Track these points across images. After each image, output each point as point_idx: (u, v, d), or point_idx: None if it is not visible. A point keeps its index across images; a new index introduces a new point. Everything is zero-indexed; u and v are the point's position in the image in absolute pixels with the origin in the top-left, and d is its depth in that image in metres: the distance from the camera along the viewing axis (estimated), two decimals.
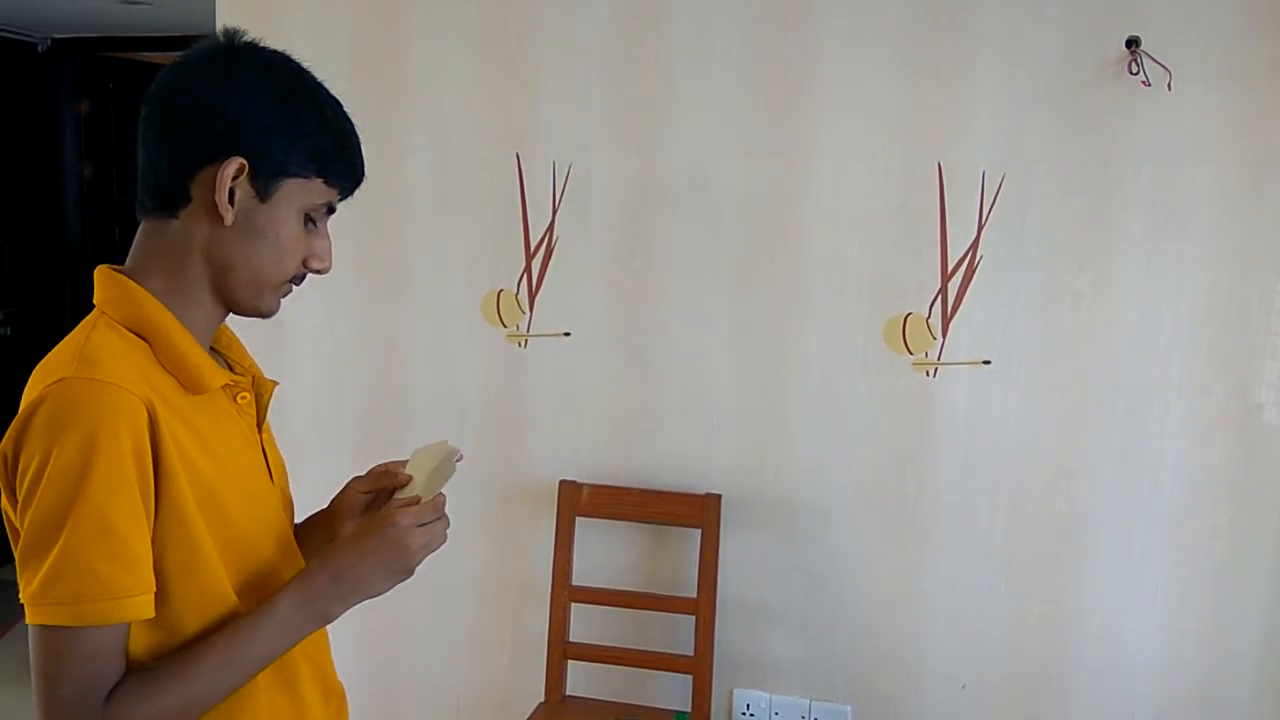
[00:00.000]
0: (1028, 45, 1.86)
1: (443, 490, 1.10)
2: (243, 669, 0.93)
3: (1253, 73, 1.79)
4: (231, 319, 1.08)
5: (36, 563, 0.85)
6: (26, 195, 3.93)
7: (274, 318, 1.09)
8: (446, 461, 1.12)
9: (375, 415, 2.28)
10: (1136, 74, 1.81)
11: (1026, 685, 2.00)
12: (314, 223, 1.02)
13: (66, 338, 0.95)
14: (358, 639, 2.34)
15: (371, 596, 1.00)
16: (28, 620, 0.87)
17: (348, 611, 1.01)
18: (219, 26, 2.17)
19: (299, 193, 0.98)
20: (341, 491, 1.16)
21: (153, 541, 0.89)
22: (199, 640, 0.93)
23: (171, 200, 0.96)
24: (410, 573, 1.01)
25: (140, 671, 0.90)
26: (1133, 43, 1.81)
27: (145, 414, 0.88)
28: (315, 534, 1.10)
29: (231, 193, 0.94)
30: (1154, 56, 1.80)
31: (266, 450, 1.07)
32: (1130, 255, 1.87)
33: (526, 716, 2.03)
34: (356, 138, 1.04)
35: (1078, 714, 1.99)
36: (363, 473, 1.14)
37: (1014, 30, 1.86)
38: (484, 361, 2.20)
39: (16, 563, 0.88)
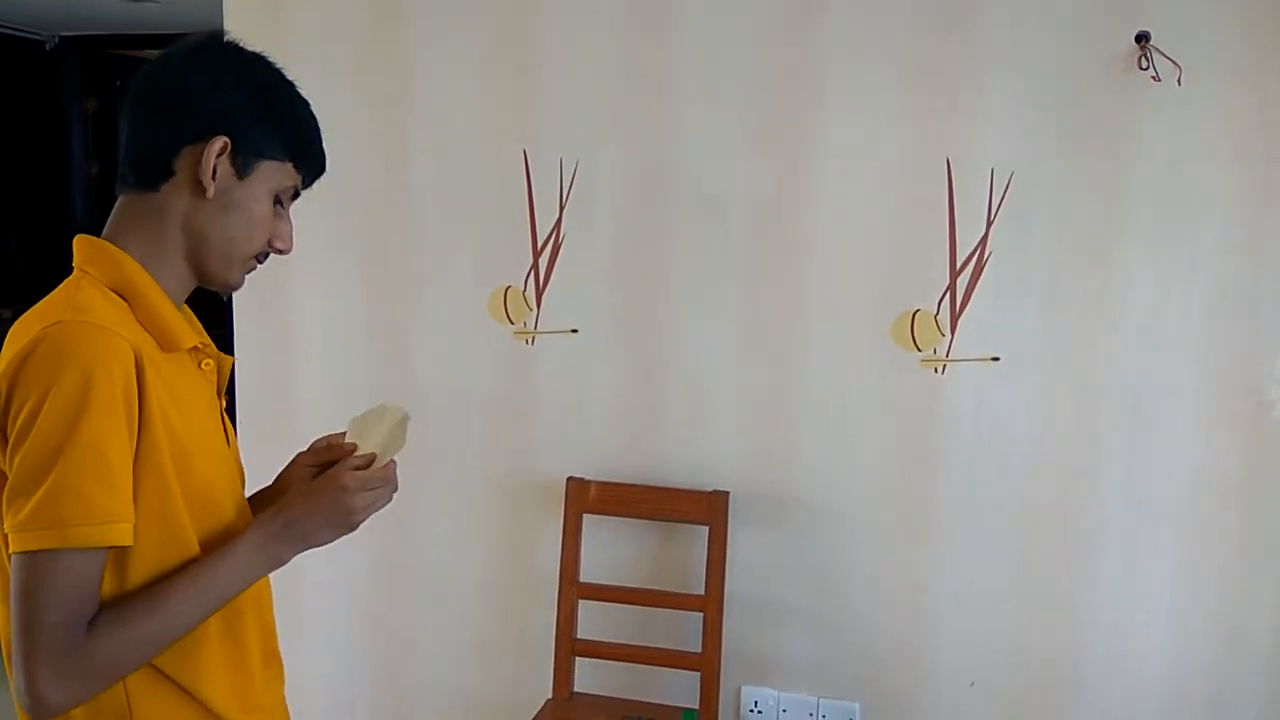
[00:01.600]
0: (1037, 40, 1.85)
1: (394, 459, 1.16)
2: (205, 604, 0.99)
3: (1264, 68, 1.78)
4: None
5: (29, 491, 0.90)
6: (34, 193, 3.94)
7: (281, 315, 1.15)
8: (398, 429, 1.19)
9: None
10: (1146, 69, 1.80)
11: (1034, 683, 2.00)
12: (281, 205, 1.10)
13: (50, 295, 1.01)
14: (365, 639, 2.35)
15: (315, 546, 1.08)
16: (12, 549, 0.90)
17: (355, 604, 1.06)
18: (226, 24, 2.18)
19: (272, 174, 1.07)
20: (288, 466, 1.23)
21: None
22: (164, 578, 0.98)
23: (155, 174, 1.04)
24: (353, 529, 1.09)
25: (113, 604, 0.95)
26: (1142, 38, 1.80)
27: (134, 359, 0.95)
28: (262, 507, 1.13)
29: (214, 169, 1.02)
30: (1164, 51, 1.79)
31: (224, 419, 1.14)
32: (1140, 252, 1.86)
33: (534, 713, 2.03)
34: (320, 133, 1.13)
35: (1085, 712, 1.98)
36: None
37: (1023, 25, 1.86)
38: (491, 358, 2.20)
39: (3, 499, 0.92)
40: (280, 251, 1.12)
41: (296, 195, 1.13)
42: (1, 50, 3.79)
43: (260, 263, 1.12)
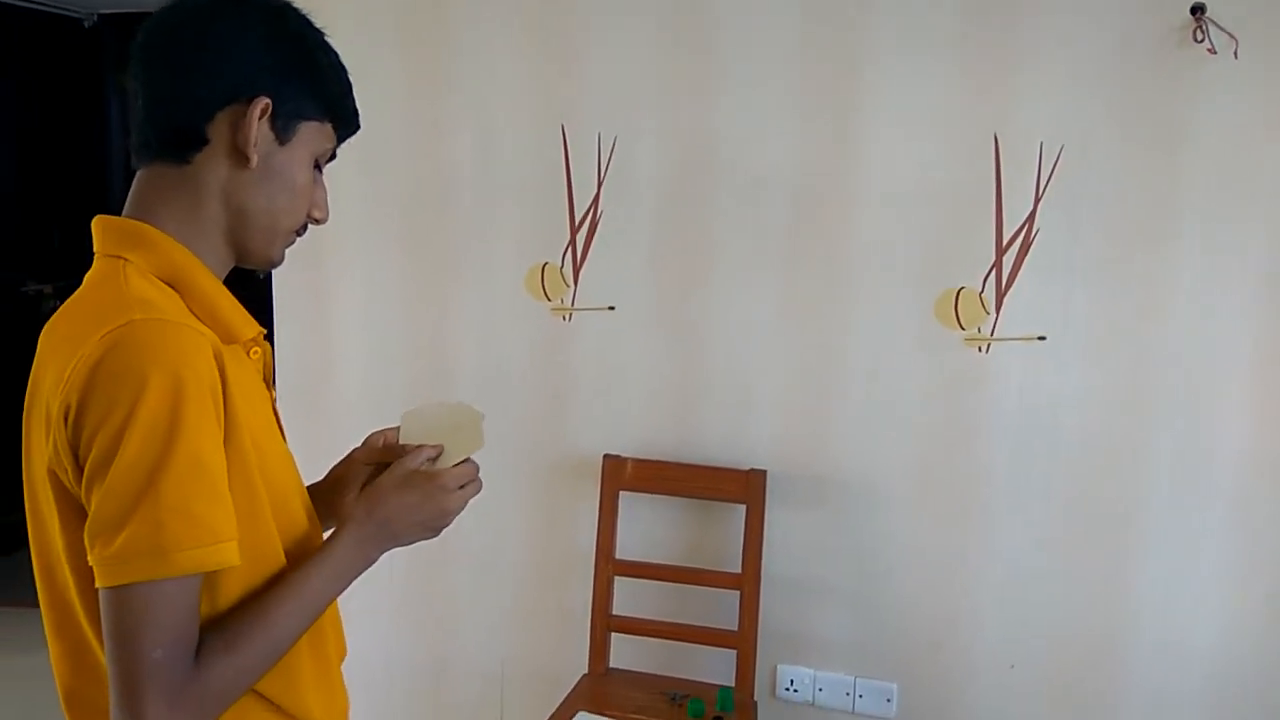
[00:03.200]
0: (1088, 12, 1.81)
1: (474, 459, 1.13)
2: (309, 616, 0.92)
3: None
4: None
5: (123, 516, 0.79)
6: (73, 170, 3.98)
7: (320, 294, 1.09)
8: (473, 428, 1.16)
9: (421, 389, 2.28)
10: (1201, 41, 1.75)
11: (1076, 667, 1.97)
12: (319, 170, 1.01)
13: (88, 287, 0.91)
14: (404, 613, 2.37)
15: (403, 545, 1.03)
16: (105, 583, 0.80)
17: (394, 580, 1.01)
18: None
19: (313, 137, 0.97)
20: (342, 462, 1.16)
21: None
22: (263, 593, 0.90)
23: (185, 144, 0.93)
24: (439, 532, 1.04)
25: (215, 627, 0.86)
26: (1197, 9, 1.75)
27: (213, 356, 0.85)
28: (316, 504, 1.07)
29: (255, 134, 0.93)
30: (1219, 24, 1.74)
31: (276, 411, 1.04)
32: (1193, 229, 1.82)
33: (571, 688, 2.03)
34: (353, 88, 1.03)
35: (1128, 698, 1.96)
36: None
37: None
38: (528, 335, 2.20)
39: (89, 524, 0.81)
40: (318, 221, 1.02)
41: (332, 158, 1.04)
42: (40, 28, 3.82)
43: (300, 235, 1.03)
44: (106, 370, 0.80)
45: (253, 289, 1.03)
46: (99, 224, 0.95)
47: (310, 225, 1.02)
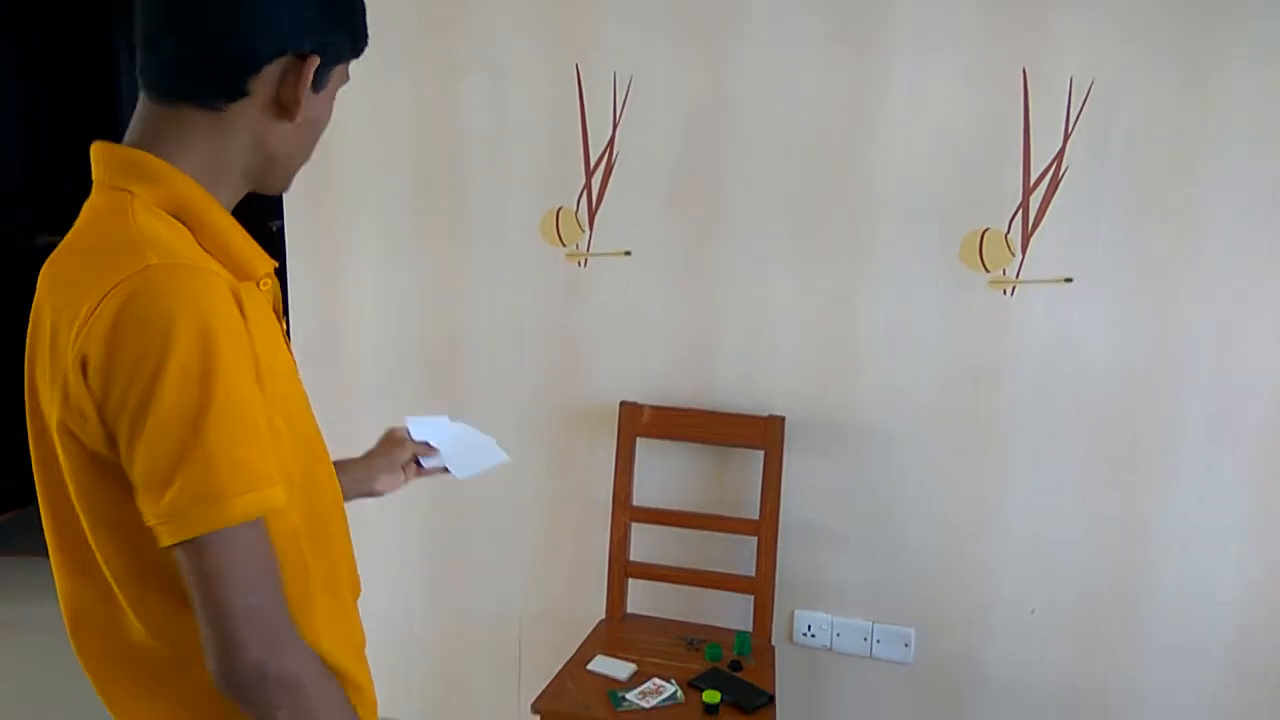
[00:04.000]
0: None
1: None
2: None
3: None
4: None
5: (171, 471, 0.77)
6: (83, 116, 3.94)
7: (333, 242, 1.07)
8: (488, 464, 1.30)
9: (436, 336, 2.26)
10: None
11: (1098, 611, 1.96)
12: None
13: (95, 226, 0.86)
14: (424, 559, 2.38)
15: None
16: (169, 540, 0.78)
17: (411, 528, 1.00)
18: None
19: (340, 77, 0.96)
20: (376, 451, 1.28)
21: None
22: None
23: (223, 95, 0.88)
24: None
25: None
26: None
27: (234, 299, 0.83)
28: (343, 476, 1.06)
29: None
30: None
31: (288, 343, 1.00)
32: (1226, 165, 1.76)
33: (588, 633, 2.04)
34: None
35: (1151, 642, 1.95)
36: (426, 394, 1.11)
37: None
38: (543, 281, 2.17)
39: (138, 481, 0.79)
40: None
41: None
42: None
43: None
44: (129, 320, 0.77)
45: (266, 245, 0.98)
46: (101, 151, 0.90)
47: None
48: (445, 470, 1.31)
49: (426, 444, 1.30)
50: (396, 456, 1.28)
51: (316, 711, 0.84)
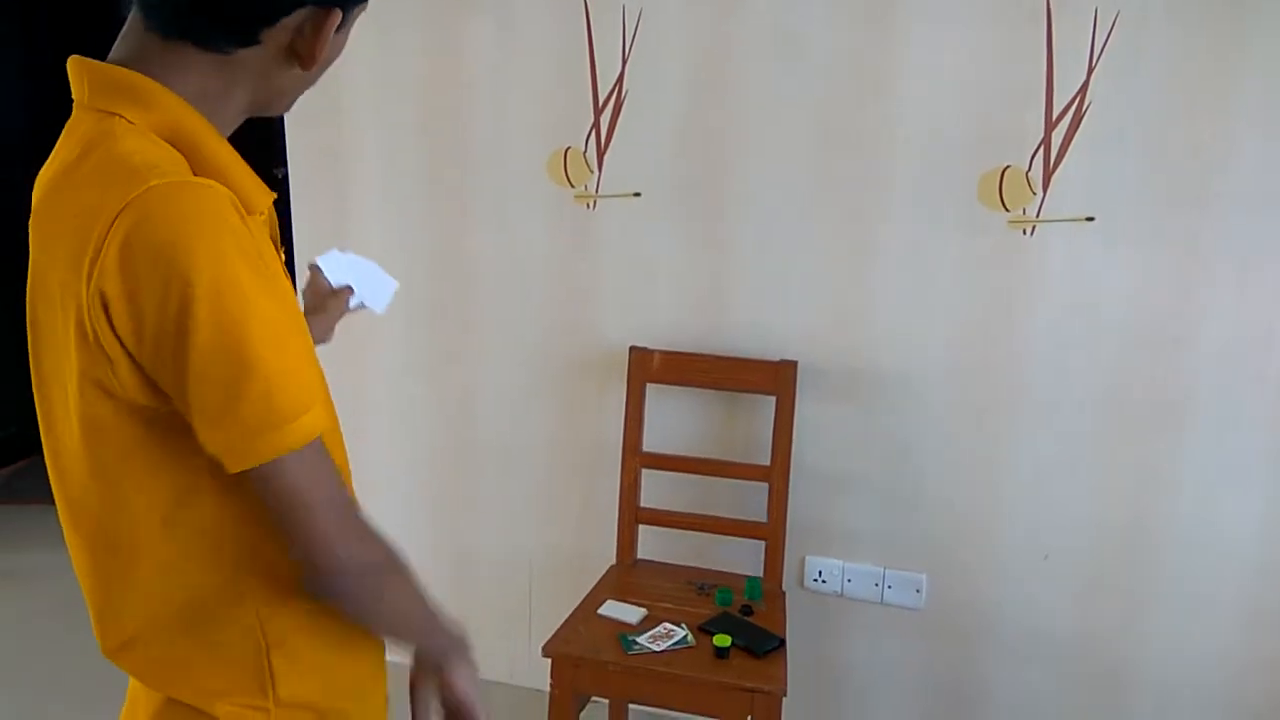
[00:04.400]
0: None
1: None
2: (405, 605, 0.94)
3: None
4: None
5: (229, 399, 0.75)
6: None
7: (337, 184, 1.01)
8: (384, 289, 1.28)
9: (443, 280, 2.23)
10: None
11: (1112, 558, 1.94)
12: None
13: (85, 154, 0.79)
14: (432, 505, 2.37)
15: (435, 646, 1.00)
16: (242, 465, 0.77)
17: (419, 470, 0.97)
18: None
19: (355, 18, 0.89)
20: (317, 305, 1.23)
21: None
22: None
23: (233, 40, 0.82)
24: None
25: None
26: None
27: (237, 212, 0.79)
28: None
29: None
30: None
31: (287, 273, 0.97)
32: (1254, 101, 1.70)
33: (598, 578, 2.04)
34: None
35: (1164, 589, 1.93)
36: (433, 339, 1.06)
37: None
38: (551, 224, 2.13)
39: (195, 417, 0.76)
40: None
41: None
42: None
43: None
44: (142, 249, 0.72)
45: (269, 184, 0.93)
46: (82, 69, 0.82)
47: None
48: (363, 307, 1.27)
49: (348, 286, 1.26)
50: (335, 311, 1.24)
51: (403, 591, 0.91)
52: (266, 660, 0.87)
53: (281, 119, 2.19)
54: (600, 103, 2.04)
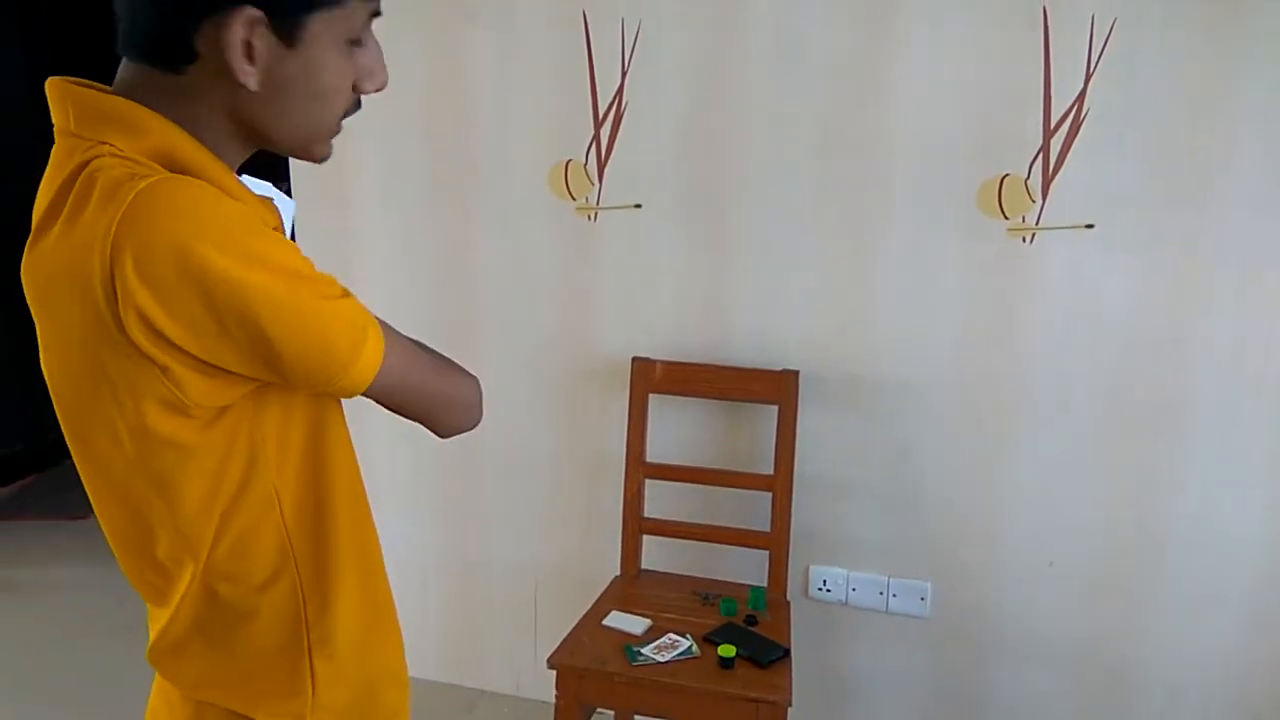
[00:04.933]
0: None
1: None
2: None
3: None
4: None
5: (313, 340, 0.76)
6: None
7: (341, 199, 1.01)
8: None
9: (446, 292, 2.24)
10: None
11: (1116, 563, 1.94)
12: (358, 43, 0.82)
13: (63, 191, 0.74)
14: (437, 516, 2.37)
15: None
16: (359, 389, 0.81)
17: (424, 482, 1.01)
18: None
19: (332, 23, 0.78)
20: None
21: None
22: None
23: (170, 55, 0.76)
24: None
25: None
26: None
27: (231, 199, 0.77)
28: None
29: (249, 47, 0.75)
30: None
31: None
32: (1253, 105, 1.70)
33: (603, 589, 2.04)
34: None
35: (1169, 594, 1.93)
36: (440, 350, 1.06)
37: None
38: (553, 236, 2.14)
39: (303, 383, 0.78)
40: (375, 91, 0.85)
41: (376, 14, 0.84)
42: None
43: (355, 112, 0.87)
44: (155, 256, 0.69)
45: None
46: (64, 93, 0.77)
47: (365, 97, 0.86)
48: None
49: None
50: None
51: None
52: (309, 662, 0.88)
53: None
54: (600, 115, 2.05)
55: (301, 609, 0.87)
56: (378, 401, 0.86)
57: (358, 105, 0.86)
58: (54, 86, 0.78)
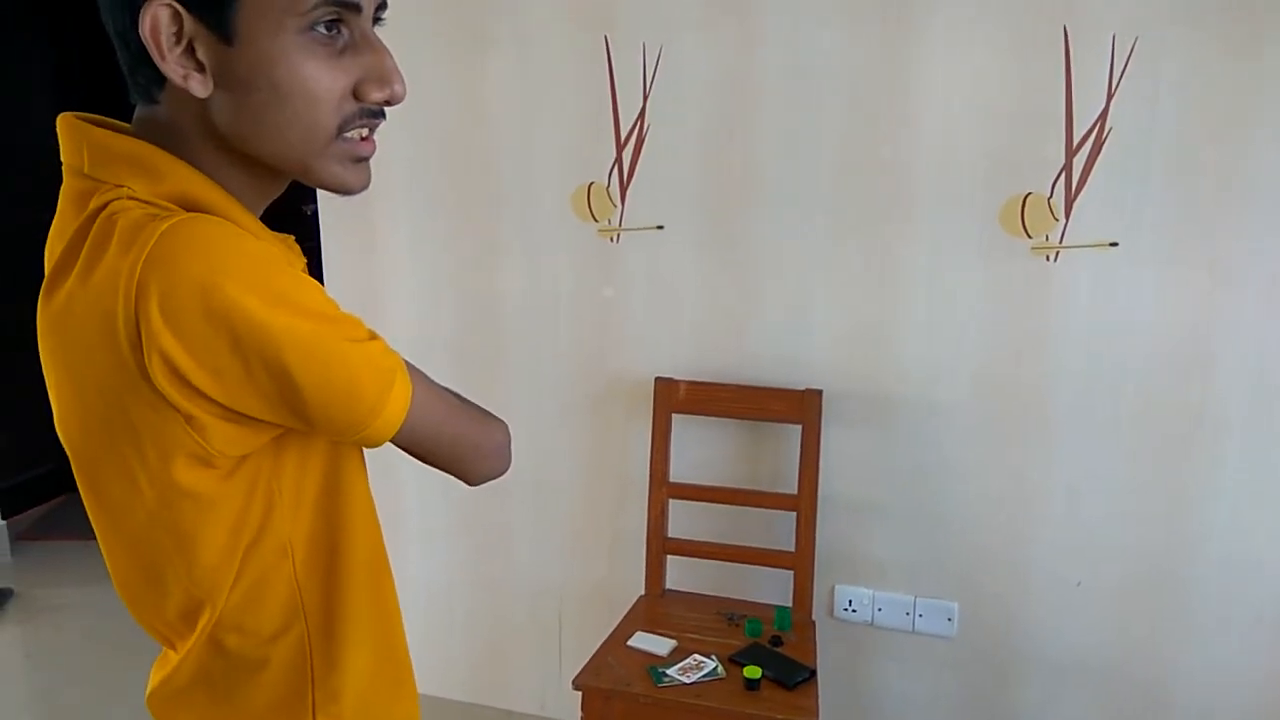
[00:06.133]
0: None
1: None
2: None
3: None
4: None
5: (341, 384, 0.73)
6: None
7: (365, 225, 0.98)
8: None
9: (470, 314, 2.26)
10: None
11: (1145, 583, 1.92)
12: (340, 32, 0.74)
13: (75, 239, 0.71)
14: (463, 538, 2.39)
15: None
16: (392, 434, 0.79)
17: (450, 505, 0.99)
18: None
19: (267, 11, 0.70)
20: None
21: None
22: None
23: (142, 82, 0.74)
24: None
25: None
26: None
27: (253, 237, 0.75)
28: None
29: (191, 47, 0.71)
30: None
31: None
32: (1276, 122, 1.69)
33: (628, 609, 2.04)
34: None
35: (1200, 615, 1.90)
36: (461, 374, 1.06)
37: None
38: (576, 257, 2.15)
39: (314, 423, 0.74)
40: (386, 101, 0.77)
41: (353, 7, 0.74)
42: None
43: (370, 127, 0.79)
44: (180, 298, 0.66)
45: (300, 229, 0.90)
46: (80, 133, 0.75)
47: (384, 108, 0.78)
48: None
49: None
50: None
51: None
52: (312, 717, 0.86)
53: None
54: (622, 138, 2.06)
55: (309, 664, 0.85)
56: (406, 450, 0.84)
57: (373, 115, 0.78)
58: (66, 124, 0.76)
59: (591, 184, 2.11)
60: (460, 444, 0.89)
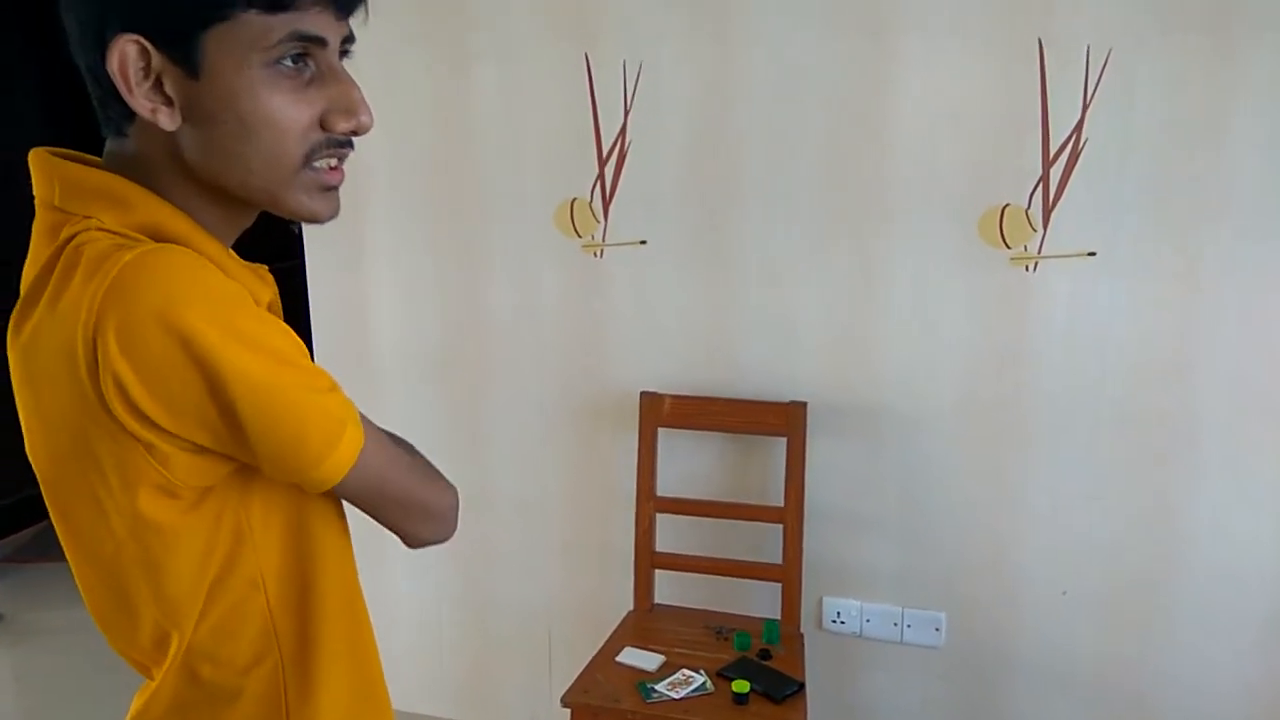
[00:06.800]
0: None
1: None
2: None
3: None
4: None
5: (291, 429, 0.73)
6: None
7: (349, 240, 0.96)
8: None
9: (454, 331, 2.26)
10: None
11: (1131, 590, 1.93)
12: (306, 65, 0.75)
13: (47, 266, 0.72)
14: (450, 554, 2.38)
15: None
16: (333, 484, 0.77)
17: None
18: None
19: (232, 45, 0.72)
20: None
21: None
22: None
23: (113, 117, 0.76)
24: None
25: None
26: None
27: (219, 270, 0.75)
28: None
29: (159, 82, 0.72)
30: None
31: None
32: (1250, 132, 1.71)
33: (616, 625, 2.04)
34: None
35: (1185, 619, 1.91)
36: (446, 391, 1.04)
37: None
38: (560, 273, 2.16)
39: (259, 456, 0.73)
40: (352, 132, 0.78)
41: (346, 51, 0.78)
42: None
43: (338, 158, 0.80)
44: (137, 326, 0.66)
45: (285, 243, 0.89)
46: (50, 167, 0.76)
47: (350, 138, 0.79)
48: None
49: None
50: None
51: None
52: None
53: None
54: (604, 154, 2.07)
55: (283, 696, 0.84)
56: (351, 502, 0.84)
57: (339, 144, 0.79)
58: (38, 158, 0.77)
59: (574, 200, 2.12)
60: (408, 506, 0.87)
